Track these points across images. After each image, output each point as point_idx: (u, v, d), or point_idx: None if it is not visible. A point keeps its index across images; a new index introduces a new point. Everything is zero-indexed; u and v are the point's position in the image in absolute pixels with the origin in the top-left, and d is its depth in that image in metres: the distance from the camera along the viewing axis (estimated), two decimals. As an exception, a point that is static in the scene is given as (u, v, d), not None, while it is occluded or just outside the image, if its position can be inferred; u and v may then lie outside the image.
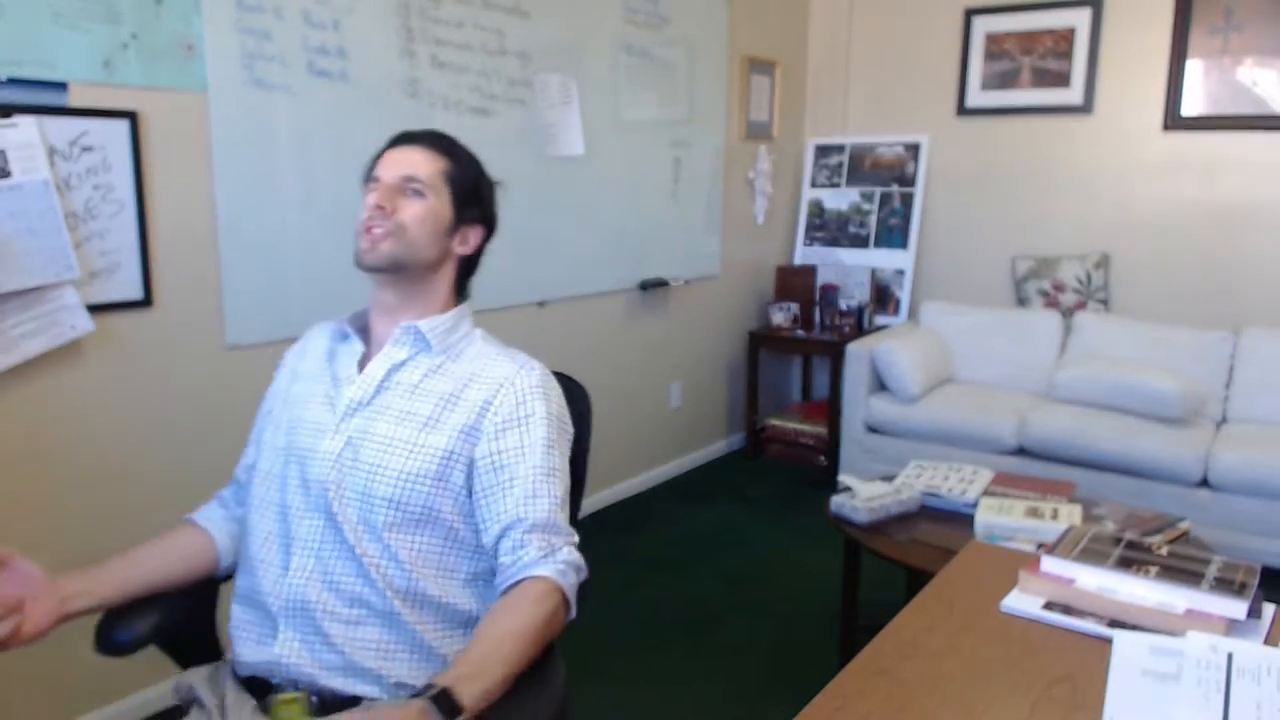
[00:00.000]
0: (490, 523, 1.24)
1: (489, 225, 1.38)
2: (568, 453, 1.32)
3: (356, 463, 1.23)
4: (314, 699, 1.19)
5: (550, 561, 1.20)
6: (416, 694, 1.01)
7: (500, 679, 1.07)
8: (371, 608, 1.20)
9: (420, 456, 1.23)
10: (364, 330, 1.35)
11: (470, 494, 1.25)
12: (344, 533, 1.21)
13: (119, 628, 1.24)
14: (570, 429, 1.35)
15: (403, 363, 1.29)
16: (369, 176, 1.32)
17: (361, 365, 1.31)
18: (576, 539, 1.27)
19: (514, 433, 1.25)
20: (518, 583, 1.18)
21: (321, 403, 1.29)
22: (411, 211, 1.28)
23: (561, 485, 1.27)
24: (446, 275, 1.35)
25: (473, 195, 1.34)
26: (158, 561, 1.30)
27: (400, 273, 1.29)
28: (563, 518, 1.26)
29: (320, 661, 1.19)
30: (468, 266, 1.38)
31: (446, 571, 1.24)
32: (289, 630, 1.21)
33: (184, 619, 1.32)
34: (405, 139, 1.33)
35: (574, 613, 1.23)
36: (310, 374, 1.34)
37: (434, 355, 1.30)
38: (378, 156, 1.33)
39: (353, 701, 1.19)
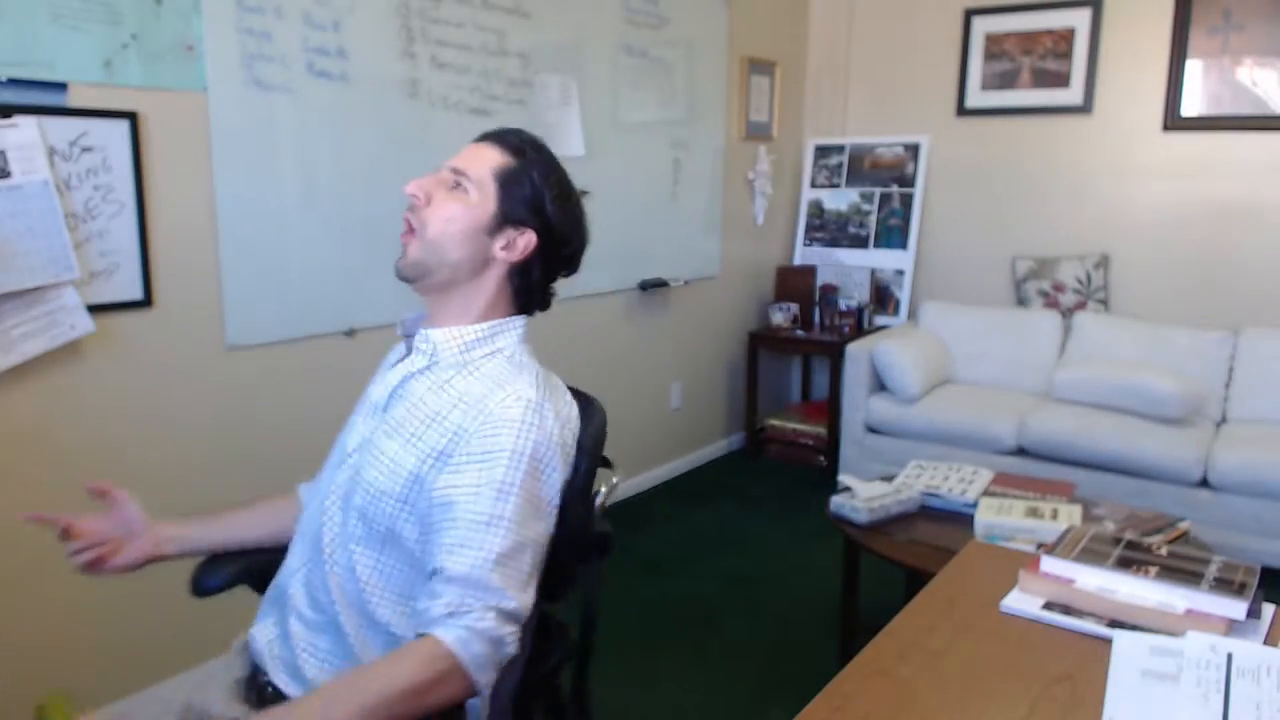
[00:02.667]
0: (427, 562, 1.11)
1: (549, 233, 1.24)
2: (544, 497, 1.16)
3: (359, 469, 1.22)
4: (270, 689, 1.24)
5: (453, 623, 1.04)
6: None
7: None
8: (328, 615, 1.19)
9: (391, 473, 1.16)
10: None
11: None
12: (320, 540, 1.22)
13: (209, 574, 1.36)
14: (555, 467, 1.17)
15: (417, 373, 1.22)
16: None
17: None
18: (513, 604, 1.08)
19: (474, 469, 1.11)
20: (420, 636, 1.05)
21: (364, 404, 1.31)
22: (440, 209, 1.20)
23: (505, 537, 1.09)
24: (489, 283, 1.23)
25: (527, 197, 1.22)
26: (253, 523, 1.38)
27: (426, 279, 1.21)
28: (496, 575, 1.07)
29: (275, 654, 1.24)
30: (523, 276, 1.25)
31: (405, 599, 1.16)
32: (269, 615, 1.28)
33: (268, 565, 1.37)
34: (487, 135, 1.27)
35: (480, 688, 1.06)
36: (378, 374, 1.35)
37: (445, 369, 1.20)
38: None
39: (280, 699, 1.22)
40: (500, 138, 1.26)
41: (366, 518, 1.17)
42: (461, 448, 1.13)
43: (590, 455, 1.27)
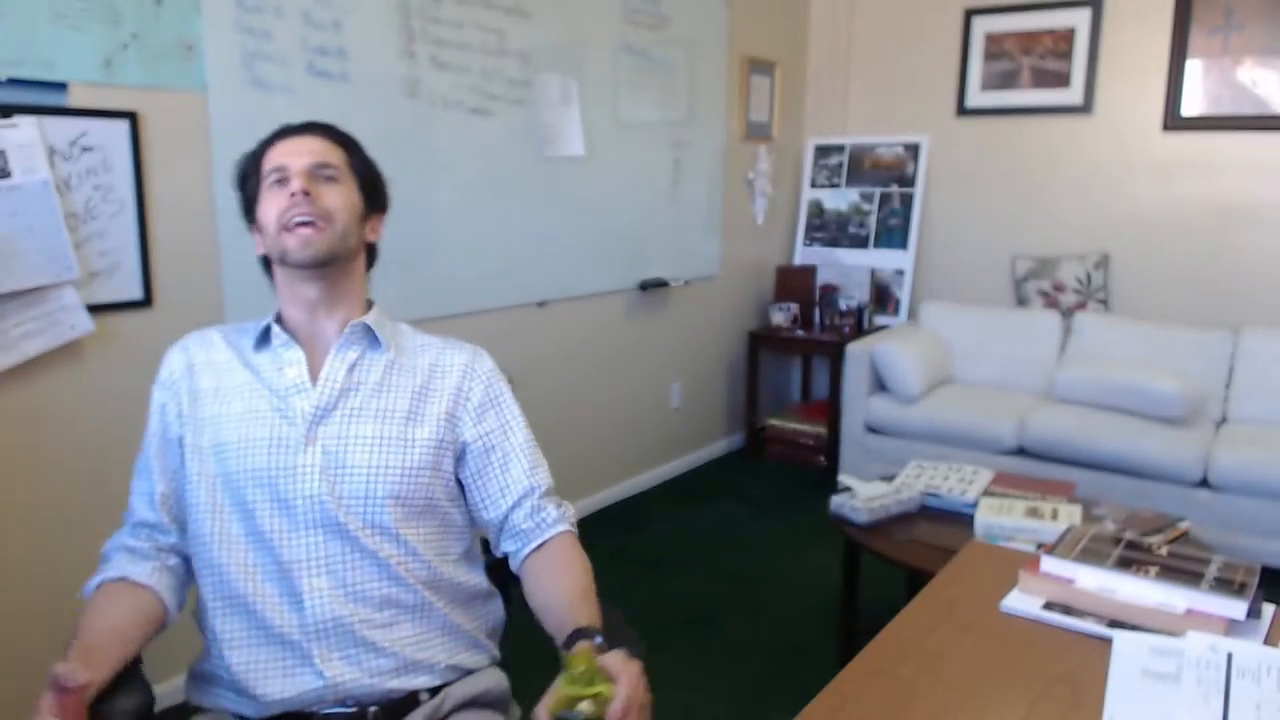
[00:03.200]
0: (497, 497, 1.30)
1: (385, 212, 1.37)
2: None
3: (346, 469, 1.20)
4: (373, 709, 1.19)
5: (566, 519, 1.32)
6: (570, 641, 1.09)
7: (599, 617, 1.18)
8: (401, 605, 1.21)
9: (415, 450, 1.23)
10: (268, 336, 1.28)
11: (458, 477, 1.30)
12: (360, 540, 1.19)
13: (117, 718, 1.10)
14: None
15: (355, 362, 1.27)
16: (261, 172, 1.25)
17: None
18: None
19: (492, 414, 1.31)
20: (545, 541, 1.28)
21: (270, 417, 1.21)
22: (336, 198, 1.24)
23: (539, 450, 1.36)
24: (361, 265, 1.33)
25: (375, 182, 1.33)
26: (137, 637, 1.16)
27: (334, 264, 1.25)
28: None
29: (371, 669, 1.18)
30: (371, 255, 1.36)
31: (446, 554, 1.28)
32: (328, 651, 1.17)
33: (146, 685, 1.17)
34: (295, 129, 1.28)
35: None
36: (229, 390, 1.24)
37: (384, 351, 1.29)
38: (261, 151, 1.27)
39: (410, 699, 1.21)
40: (319, 129, 1.30)
41: (404, 499, 1.22)
42: (466, 404, 1.30)
43: None
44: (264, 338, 1.28)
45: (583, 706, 0.91)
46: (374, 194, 1.33)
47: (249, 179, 1.28)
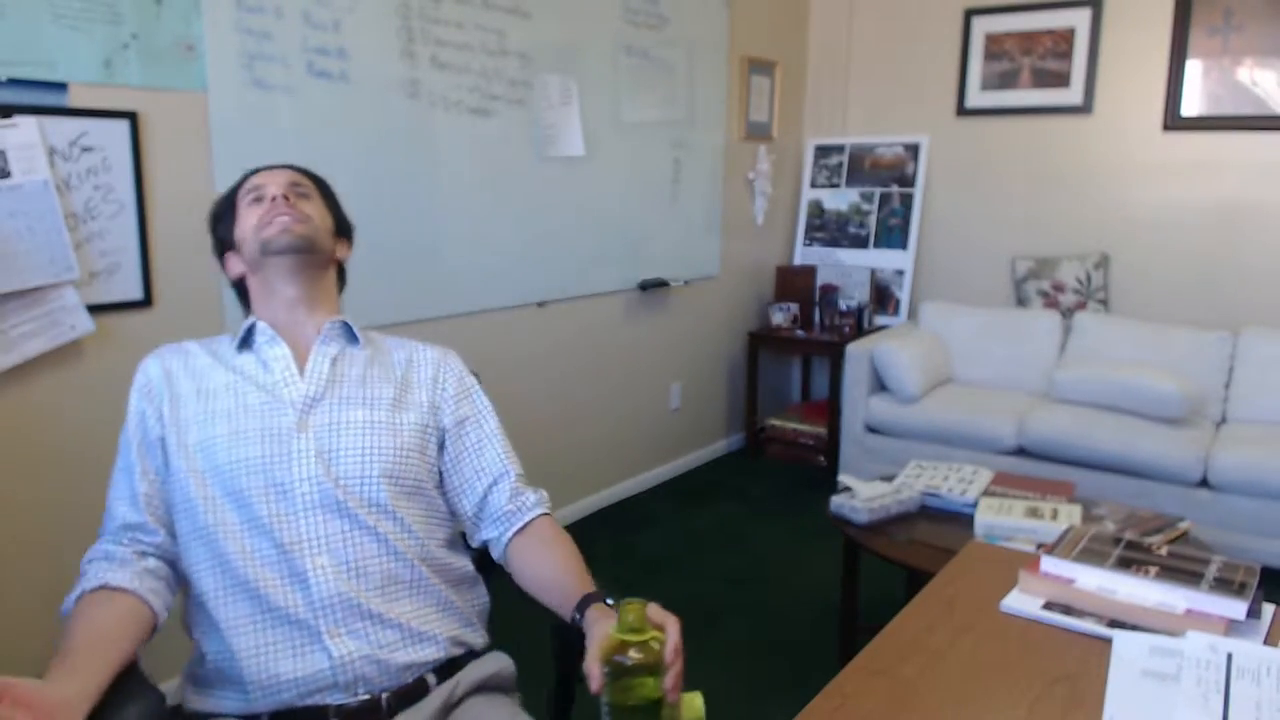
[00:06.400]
0: (472, 479, 1.36)
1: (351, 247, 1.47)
2: None
3: (340, 450, 1.25)
4: (385, 695, 1.20)
5: (544, 502, 1.38)
6: (583, 605, 1.15)
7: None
8: (401, 580, 1.25)
9: (405, 433, 1.30)
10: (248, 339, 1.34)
11: (439, 463, 1.37)
12: (359, 517, 1.23)
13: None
14: None
15: (337, 356, 1.33)
16: (237, 200, 1.37)
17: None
18: None
19: (466, 403, 1.40)
20: (528, 523, 1.34)
21: (259, 409, 1.25)
22: (309, 207, 1.36)
23: None
24: (334, 276, 1.43)
25: (342, 216, 1.45)
26: (124, 642, 1.12)
27: (312, 254, 1.33)
28: None
29: (377, 642, 1.20)
30: (341, 276, 1.47)
31: (434, 536, 1.33)
32: (335, 627, 1.19)
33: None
34: (269, 167, 1.41)
35: None
36: (211, 391, 1.27)
37: (363, 347, 1.36)
38: (238, 186, 1.39)
39: (420, 685, 1.22)
40: (294, 169, 1.42)
41: (396, 478, 1.27)
42: (443, 393, 1.38)
43: None
44: (245, 341, 1.33)
45: (631, 653, 0.99)
46: (343, 222, 1.44)
47: (221, 220, 1.39)
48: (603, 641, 1.02)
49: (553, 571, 1.27)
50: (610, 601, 1.16)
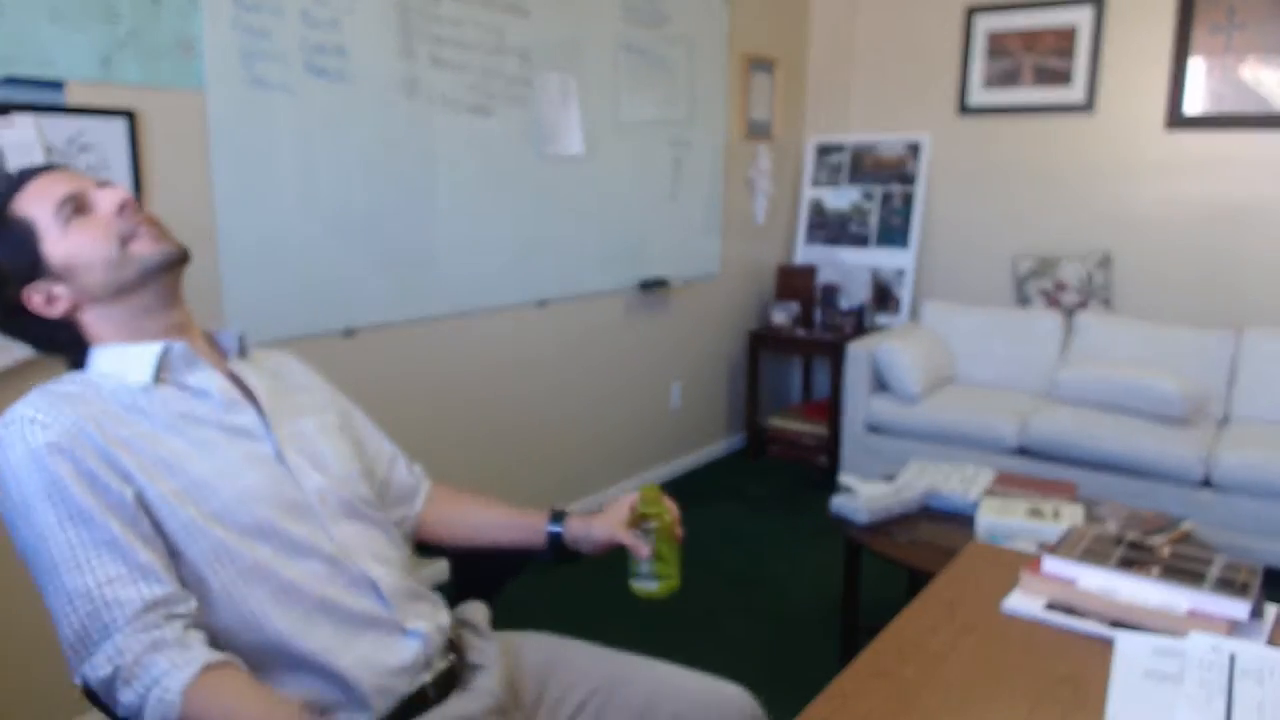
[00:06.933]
0: (377, 460, 1.40)
1: None
2: None
3: (322, 457, 1.24)
4: (452, 658, 1.26)
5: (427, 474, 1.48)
6: (556, 517, 1.39)
7: None
8: (405, 562, 1.29)
9: (347, 430, 1.33)
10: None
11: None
12: (366, 513, 1.25)
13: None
14: None
15: (247, 369, 1.27)
16: (32, 218, 1.11)
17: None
18: None
19: (339, 396, 1.41)
20: (429, 491, 1.46)
21: (222, 441, 1.13)
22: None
23: None
24: None
25: None
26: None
27: (180, 271, 1.20)
28: None
29: (426, 614, 1.23)
30: None
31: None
32: (406, 613, 1.20)
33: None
34: (44, 169, 1.18)
35: None
36: (155, 434, 1.09)
37: (250, 357, 1.31)
38: (11, 193, 1.12)
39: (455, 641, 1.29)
40: (58, 167, 1.23)
41: (365, 472, 1.32)
42: (324, 392, 1.38)
43: None
44: (154, 375, 1.13)
45: (649, 525, 1.32)
46: None
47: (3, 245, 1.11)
48: (626, 518, 1.35)
49: (494, 513, 1.43)
50: (569, 512, 1.41)
